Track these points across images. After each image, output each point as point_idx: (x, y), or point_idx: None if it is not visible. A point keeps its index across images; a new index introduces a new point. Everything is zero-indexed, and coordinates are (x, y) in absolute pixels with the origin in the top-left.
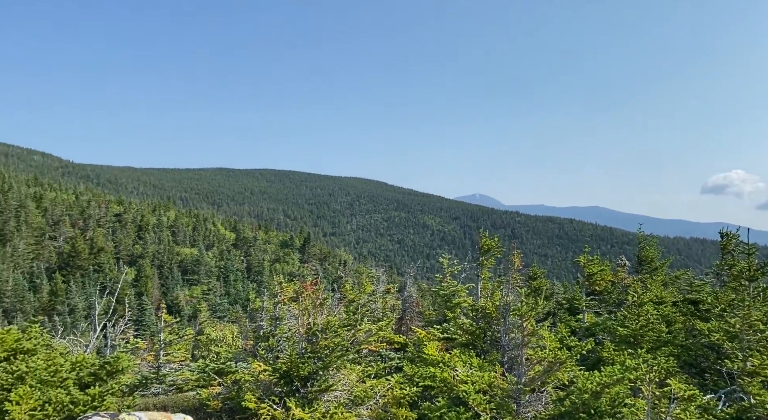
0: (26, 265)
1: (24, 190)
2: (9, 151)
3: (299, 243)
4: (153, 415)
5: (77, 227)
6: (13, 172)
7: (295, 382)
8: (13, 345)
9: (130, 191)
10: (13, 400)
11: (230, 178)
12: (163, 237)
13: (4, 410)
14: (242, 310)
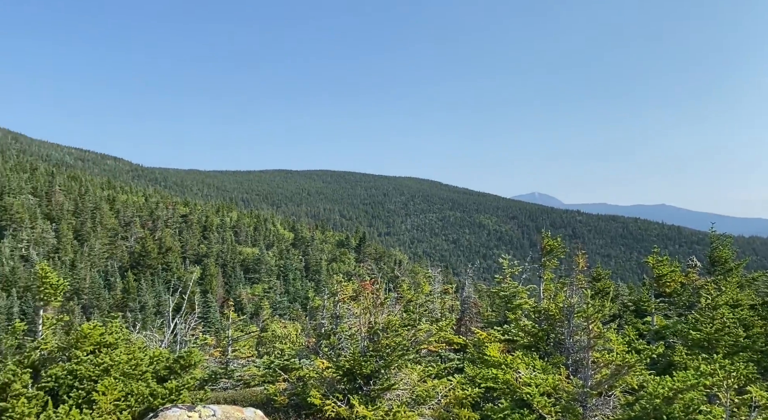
0: (101, 264)
1: (99, 193)
2: (85, 156)
3: (355, 243)
4: (226, 409)
5: (147, 228)
6: (89, 176)
7: (357, 379)
8: (98, 339)
9: (195, 193)
10: (100, 391)
11: (288, 179)
12: (226, 237)
13: (92, 399)
14: (302, 308)
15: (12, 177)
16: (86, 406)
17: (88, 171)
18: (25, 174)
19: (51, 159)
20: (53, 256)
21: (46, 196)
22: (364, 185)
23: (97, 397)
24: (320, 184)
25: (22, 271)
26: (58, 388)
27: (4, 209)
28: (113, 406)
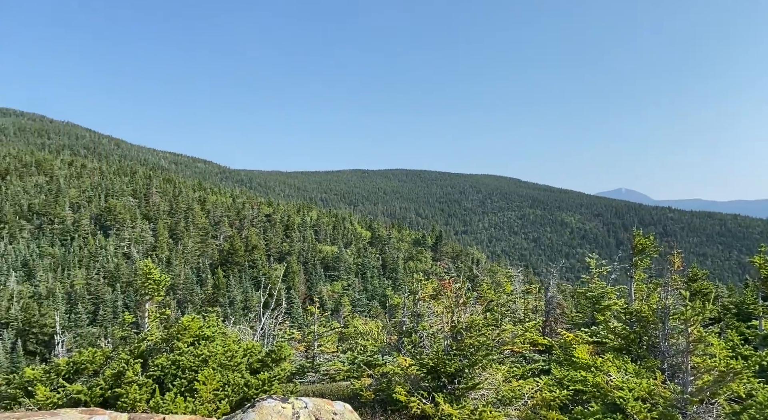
0: (194, 261)
1: (190, 194)
2: (178, 159)
3: (431, 241)
4: (317, 402)
5: (234, 227)
6: (182, 179)
7: (442, 378)
8: (196, 332)
9: (278, 193)
10: (201, 380)
11: (365, 178)
12: (306, 235)
13: (193, 388)
14: (380, 305)
15: (115, 180)
16: (189, 395)
17: (181, 174)
18: (126, 177)
19: (148, 163)
20: (151, 253)
21: (145, 198)
22: (440, 183)
23: (199, 386)
24: (396, 183)
25: (125, 268)
26: (163, 377)
27: (109, 210)
28: (213, 395)
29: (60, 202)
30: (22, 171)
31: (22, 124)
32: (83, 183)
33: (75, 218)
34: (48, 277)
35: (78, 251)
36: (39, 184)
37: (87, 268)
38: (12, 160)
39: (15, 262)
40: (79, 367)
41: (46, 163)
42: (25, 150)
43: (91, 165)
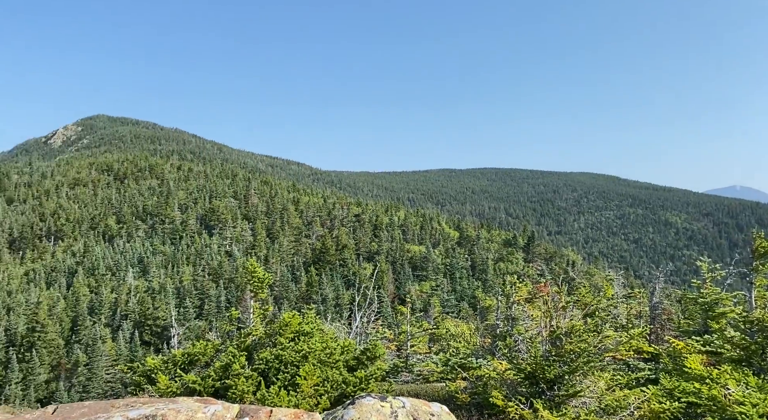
0: (289, 260)
1: (285, 195)
2: (274, 162)
3: (523, 242)
4: (414, 402)
5: (325, 227)
6: (277, 180)
7: (540, 384)
8: (296, 328)
9: (366, 193)
10: (302, 375)
11: (452, 178)
12: (394, 235)
13: (295, 383)
14: (470, 306)
15: (218, 183)
16: (291, 389)
17: (276, 175)
18: (227, 180)
19: (247, 166)
20: (250, 251)
21: (244, 199)
22: (532, 182)
23: (300, 381)
24: (485, 183)
25: (227, 265)
26: (267, 371)
27: (212, 211)
28: (313, 390)
29: (170, 204)
30: (138, 175)
31: (137, 132)
32: (190, 185)
33: (183, 218)
34: (160, 273)
35: (186, 249)
36: (152, 186)
37: (193, 265)
38: (129, 165)
39: (132, 259)
40: (193, 358)
41: (157, 168)
42: (140, 155)
43: (197, 168)
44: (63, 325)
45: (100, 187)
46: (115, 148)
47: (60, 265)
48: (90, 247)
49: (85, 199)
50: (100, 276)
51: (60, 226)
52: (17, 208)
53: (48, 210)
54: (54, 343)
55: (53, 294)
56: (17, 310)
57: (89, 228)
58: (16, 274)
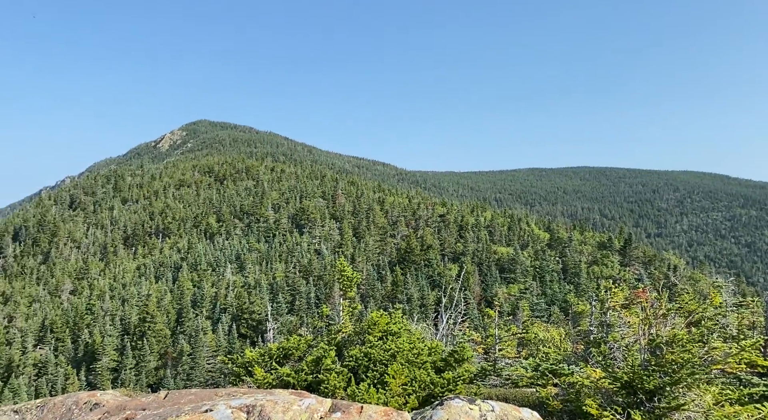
0: (374, 259)
1: (371, 196)
2: (360, 163)
3: (619, 244)
4: (504, 406)
5: (410, 227)
6: (363, 181)
7: (638, 394)
8: (384, 327)
9: (451, 193)
10: (391, 374)
11: (542, 177)
12: (481, 236)
13: (384, 381)
14: (560, 311)
15: (308, 183)
16: (380, 387)
17: (362, 176)
18: (316, 180)
19: (335, 167)
20: (337, 250)
21: (332, 199)
22: (629, 181)
23: (389, 379)
24: (577, 182)
25: (316, 263)
26: (357, 367)
27: (303, 210)
28: (402, 390)
29: (264, 203)
30: (235, 176)
31: (235, 136)
32: (282, 186)
33: (276, 217)
34: (255, 270)
35: (278, 247)
36: (248, 187)
37: (285, 262)
38: (228, 167)
39: (230, 256)
40: (287, 352)
41: (253, 169)
42: (238, 158)
43: (289, 170)
44: (169, 317)
45: (202, 187)
46: (216, 151)
47: (167, 261)
48: (193, 244)
49: (189, 199)
50: (202, 271)
51: (167, 224)
52: (130, 207)
53: (157, 209)
54: (162, 333)
55: (161, 287)
56: (131, 302)
57: (192, 226)
58: (129, 268)
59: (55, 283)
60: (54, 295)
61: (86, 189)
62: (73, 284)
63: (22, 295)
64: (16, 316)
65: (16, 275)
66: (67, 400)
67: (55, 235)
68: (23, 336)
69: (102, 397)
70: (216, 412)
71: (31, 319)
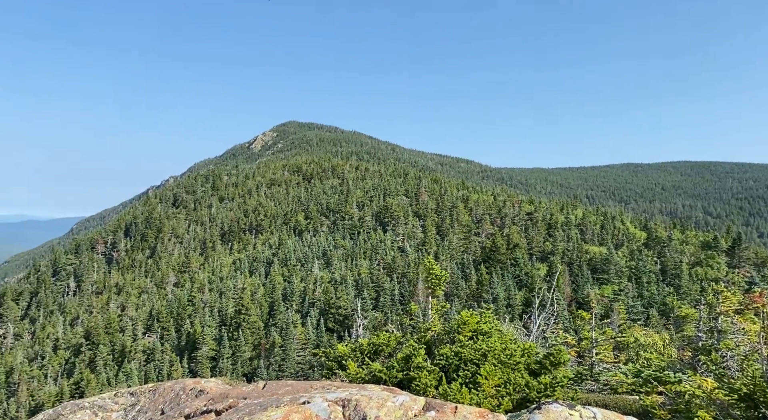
0: (458, 257)
1: (455, 193)
2: (443, 160)
3: (726, 244)
4: (606, 414)
5: (496, 225)
6: (447, 178)
7: (760, 408)
8: (474, 326)
9: (539, 191)
10: (483, 374)
11: (638, 173)
12: (571, 235)
13: (476, 382)
14: (660, 314)
15: (391, 181)
16: (472, 387)
17: (446, 174)
18: (399, 178)
19: (418, 165)
20: (421, 248)
21: (415, 197)
22: (738, 176)
23: (481, 380)
24: (677, 178)
25: (400, 260)
26: (447, 367)
27: (386, 208)
28: (495, 391)
29: (349, 201)
30: (322, 175)
31: (321, 136)
32: (366, 184)
33: (360, 215)
34: (341, 266)
35: (363, 244)
36: (334, 185)
37: (370, 259)
38: (315, 166)
39: (317, 252)
40: (378, 348)
41: (338, 168)
42: (324, 157)
43: (372, 168)
44: (262, 309)
45: (291, 186)
46: (304, 150)
47: (259, 256)
48: (283, 240)
49: (279, 197)
50: (292, 266)
51: (259, 221)
52: (227, 205)
53: (250, 207)
54: (255, 325)
55: (255, 281)
56: (227, 294)
57: (282, 223)
58: (226, 263)
59: (161, 276)
60: (160, 287)
61: (187, 188)
62: (177, 277)
63: (133, 287)
64: (127, 305)
65: (127, 268)
66: (176, 385)
67: (160, 231)
68: (134, 324)
69: (206, 385)
70: (313, 405)
71: (140, 309)
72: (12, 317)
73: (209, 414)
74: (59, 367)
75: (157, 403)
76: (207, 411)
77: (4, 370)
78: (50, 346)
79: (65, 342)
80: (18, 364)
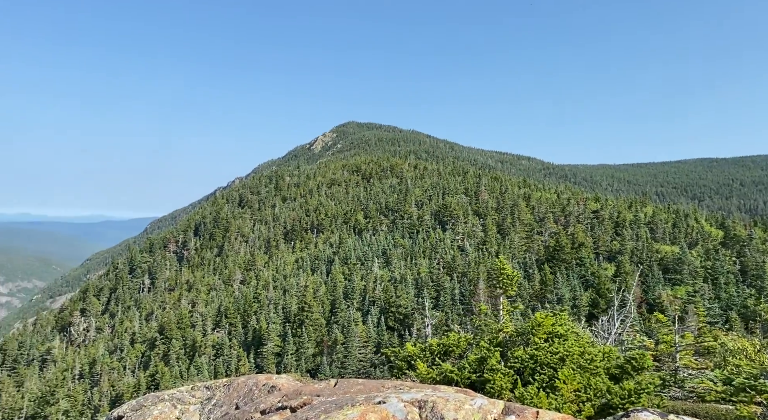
0: (520, 256)
1: (516, 191)
2: (503, 158)
3: None
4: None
5: (559, 224)
6: (507, 176)
7: None
8: (549, 329)
9: (605, 188)
10: (561, 379)
11: (713, 168)
12: (640, 233)
13: (554, 386)
14: (740, 317)
15: (450, 180)
16: (550, 391)
17: (506, 171)
18: (458, 177)
19: (477, 163)
20: (481, 247)
21: (475, 195)
22: None
23: (559, 384)
24: (758, 173)
25: (460, 259)
26: (522, 370)
27: (445, 207)
28: (574, 396)
29: (408, 200)
30: (381, 174)
31: (380, 135)
32: (425, 183)
33: (419, 214)
34: (400, 265)
35: (422, 243)
36: (392, 185)
37: (429, 258)
38: (373, 166)
39: (377, 251)
40: (447, 349)
41: (397, 167)
42: (382, 156)
43: (431, 167)
44: (324, 307)
45: (350, 186)
46: (362, 150)
47: (321, 255)
48: (343, 239)
49: (339, 197)
50: (352, 265)
51: (320, 220)
52: (289, 204)
53: (311, 206)
54: (318, 322)
55: (316, 279)
56: (291, 292)
57: (342, 222)
58: (289, 261)
59: (228, 274)
60: (227, 284)
61: (252, 189)
62: (243, 274)
63: (202, 284)
64: (197, 302)
65: (196, 266)
66: (249, 381)
67: (227, 231)
68: (203, 320)
69: (277, 381)
70: (389, 405)
71: (209, 305)
72: (94, 312)
73: (284, 410)
74: (136, 360)
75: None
76: (282, 407)
77: (88, 361)
78: (128, 340)
79: (141, 336)
80: (100, 356)
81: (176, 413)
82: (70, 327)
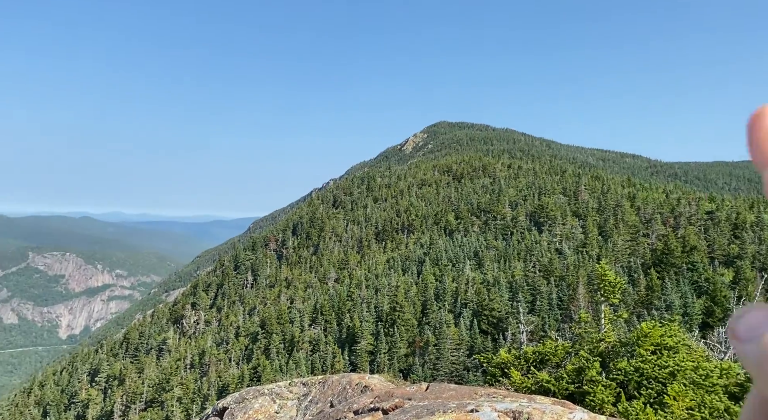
0: (624, 260)
1: (619, 191)
2: (605, 156)
3: None
4: None
5: (668, 225)
6: (609, 175)
7: None
8: (657, 340)
9: (721, 187)
10: (671, 395)
11: None
12: (763, 237)
13: (662, 402)
14: None
15: (546, 179)
16: (658, 407)
17: (608, 170)
18: (556, 176)
19: (576, 161)
20: (581, 250)
21: (574, 195)
22: None
23: (669, 400)
24: None
25: (557, 262)
26: (626, 382)
27: (541, 207)
28: (686, 414)
29: (501, 201)
30: (472, 174)
31: (472, 134)
32: (519, 183)
33: (513, 215)
34: (493, 267)
35: (516, 245)
36: (485, 185)
37: (524, 261)
38: (465, 166)
39: (468, 252)
40: (543, 357)
41: (489, 167)
42: (474, 156)
43: (526, 166)
44: (415, 308)
45: (441, 186)
46: (453, 150)
47: (411, 255)
48: (434, 240)
49: (430, 198)
50: (443, 266)
51: (411, 221)
52: (380, 205)
53: (402, 207)
54: (409, 323)
55: (407, 280)
56: (382, 291)
57: (433, 223)
58: (380, 261)
59: (323, 272)
60: (322, 282)
61: (345, 189)
62: (337, 273)
63: (299, 281)
64: (295, 298)
65: (294, 264)
66: (342, 379)
67: (322, 230)
68: (301, 316)
69: (370, 381)
70: (482, 414)
71: (306, 302)
72: (203, 306)
73: (376, 412)
74: (240, 352)
75: (326, 396)
76: (374, 409)
77: (197, 352)
78: (233, 333)
79: (245, 330)
80: (208, 348)
81: (275, 407)
82: (182, 319)
